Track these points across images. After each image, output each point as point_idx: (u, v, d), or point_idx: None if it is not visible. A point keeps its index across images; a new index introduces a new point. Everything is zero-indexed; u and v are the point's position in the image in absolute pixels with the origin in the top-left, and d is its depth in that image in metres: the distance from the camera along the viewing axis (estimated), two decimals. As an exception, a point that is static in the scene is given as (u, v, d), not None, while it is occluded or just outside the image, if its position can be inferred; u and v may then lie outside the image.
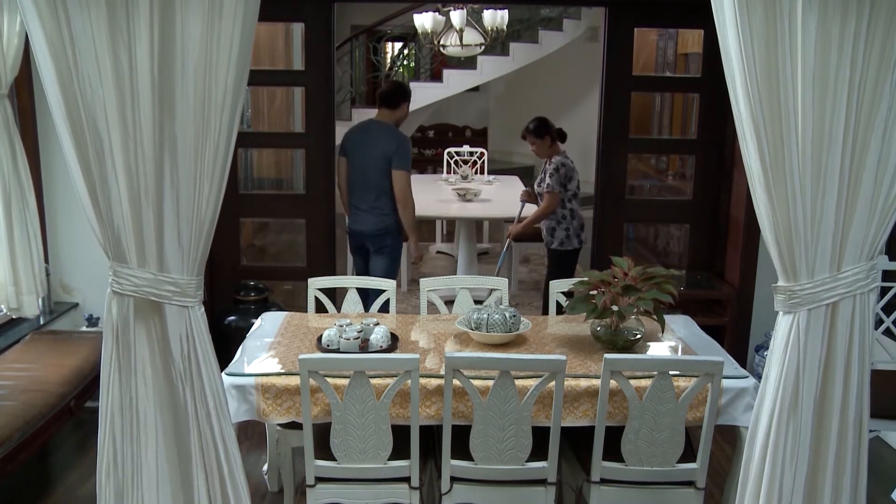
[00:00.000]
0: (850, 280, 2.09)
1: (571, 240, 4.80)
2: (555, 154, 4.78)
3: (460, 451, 2.67)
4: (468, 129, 12.40)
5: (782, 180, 2.02)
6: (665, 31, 7.01)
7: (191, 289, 2.12)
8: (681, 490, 2.74)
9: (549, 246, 4.90)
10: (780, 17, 1.92)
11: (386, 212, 4.46)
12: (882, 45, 1.95)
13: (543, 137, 4.76)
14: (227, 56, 1.97)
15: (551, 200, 4.72)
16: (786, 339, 2.13)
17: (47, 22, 1.91)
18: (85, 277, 4.39)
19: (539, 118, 4.83)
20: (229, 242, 4.84)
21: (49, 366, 3.50)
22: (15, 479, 3.49)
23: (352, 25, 9.85)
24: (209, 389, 2.20)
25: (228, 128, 2.04)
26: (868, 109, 2.00)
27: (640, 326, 3.04)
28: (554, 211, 4.75)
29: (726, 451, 3.67)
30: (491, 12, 7.14)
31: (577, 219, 4.80)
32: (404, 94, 4.55)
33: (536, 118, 4.83)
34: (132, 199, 2.04)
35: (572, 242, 4.80)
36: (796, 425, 2.15)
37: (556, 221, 4.79)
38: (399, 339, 3.09)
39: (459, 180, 7.31)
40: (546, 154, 4.81)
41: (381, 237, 4.49)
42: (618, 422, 2.70)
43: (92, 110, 1.97)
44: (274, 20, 5.37)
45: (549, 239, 4.86)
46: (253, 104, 6.93)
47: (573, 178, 4.76)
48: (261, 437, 3.87)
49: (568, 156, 4.80)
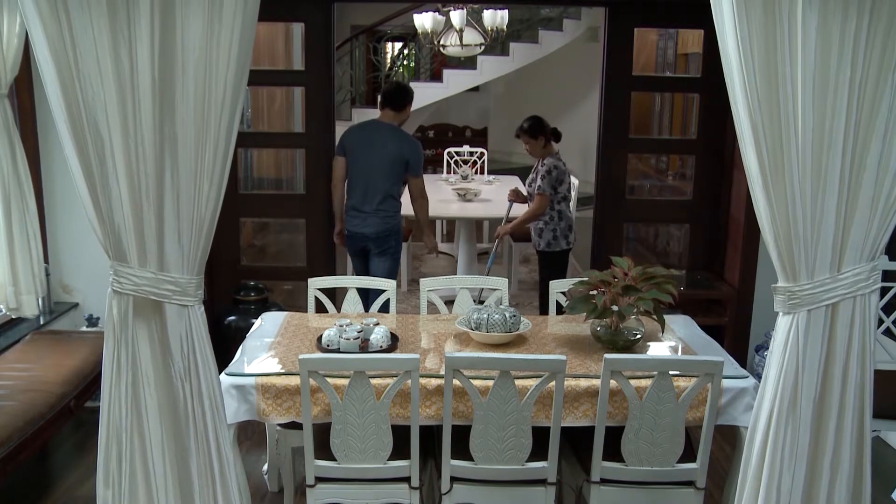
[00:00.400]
0: (851, 281, 2.09)
1: (559, 241, 4.76)
2: (548, 154, 4.72)
3: (460, 451, 2.67)
4: (468, 129, 12.40)
5: (782, 181, 2.02)
6: (665, 31, 7.01)
7: (191, 288, 2.13)
8: (681, 490, 2.75)
9: (536, 248, 4.87)
10: (779, 17, 1.92)
11: (391, 214, 4.46)
12: (883, 45, 1.95)
13: (538, 137, 4.68)
14: (227, 55, 1.98)
15: (541, 203, 4.67)
16: (785, 340, 2.13)
17: (48, 22, 1.92)
18: (85, 277, 4.39)
19: (534, 117, 4.75)
20: (229, 242, 4.85)
21: (49, 366, 3.50)
22: (15, 479, 3.49)
23: (352, 25, 9.85)
24: (206, 389, 2.20)
25: (228, 127, 2.05)
26: (869, 110, 2.00)
27: (640, 326, 3.04)
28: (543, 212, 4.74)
29: (726, 451, 3.67)
30: (491, 12, 7.14)
31: (564, 220, 4.75)
32: (408, 95, 4.54)
33: (531, 117, 4.76)
34: (133, 198, 2.04)
35: (560, 244, 4.77)
36: (795, 426, 2.15)
37: (544, 223, 4.74)
38: (399, 339, 3.09)
39: (459, 180, 7.30)
40: (539, 154, 4.75)
41: (385, 239, 4.48)
42: (618, 422, 2.70)
43: (93, 110, 1.97)
44: (274, 20, 5.36)
45: (536, 240, 4.84)
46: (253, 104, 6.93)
47: (564, 180, 4.71)
48: (261, 437, 3.87)
49: (561, 157, 4.75)
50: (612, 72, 4.72)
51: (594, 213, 4.97)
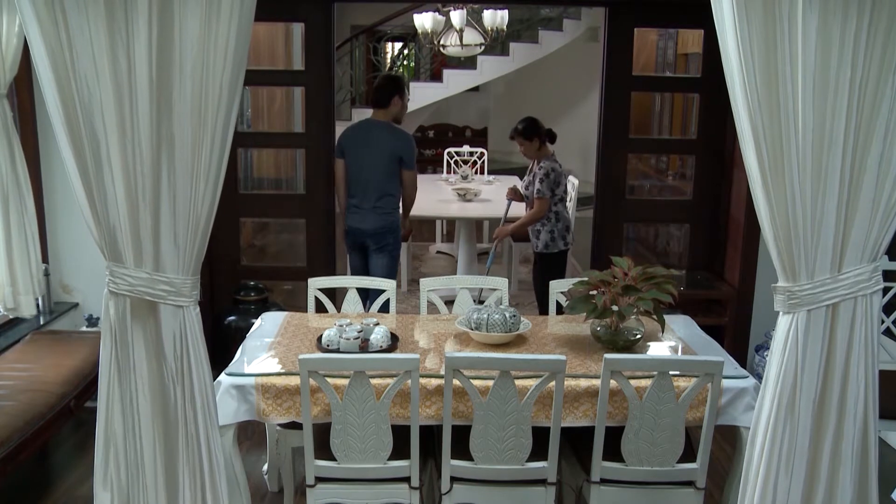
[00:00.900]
0: (852, 282, 2.09)
1: (557, 242, 4.75)
2: (543, 156, 4.68)
3: (460, 451, 2.67)
4: (468, 129, 12.41)
5: (782, 181, 2.02)
6: (665, 31, 7.01)
7: (186, 289, 2.12)
8: (681, 490, 2.74)
9: (534, 249, 4.87)
10: (779, 17, 1.92)
11: (388, 210, 4.48)
12: (883, 46, 1.95)
13: (532, 139, 4.65)
14: (224, 55, 1.98)
15: (542, 206, 4.65)
16: (785, 340, 2.13)
17: (45, 22, 1.91)
18: (85, 277, 4.38)
19: (529, 118, 4.71)
20: (229, 242, 4.84)
21: (49, 366, 3.50)
22: (15, 479, 3.49)
23: (352, 25, 9.85)
24: (198, 391, 2.19)
25: (224, 126, 2.04)
26: (869, 111, 1.99)
27: (640, 326, 3.04)
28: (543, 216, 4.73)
29: (726, 451, 3.67)
30: (491, 12, 7.14)
31: (562, 221, 4.75)
32: (394, 87, 4.47)
33: (526, 118, 4.71)
34: (129, 198, 2.04)
35: (557, 245, 4.76)
36: (794, 426, 2.14)
37: (541, 224, 4.74)
38: (399, 339, 3.09)
39: (459, 180, 7.30)
40: (534, 156, 4.72)
41: (384, 235, 4.50)
42: (618, 422, 2.70)
43: (89, 111, 1.97)
44: (274, 20, 5.37)
45: (534, 241, 4.83)
46: (253, 104, 6.93)
47: (561, 182, 4.70)
48: (261, 437, 3.87)
49: (556, 158, 4.72)
50: (612, 72, 4.72)
51: (594, 213, 4.96)
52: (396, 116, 4.51)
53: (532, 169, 4.79)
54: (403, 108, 4.55)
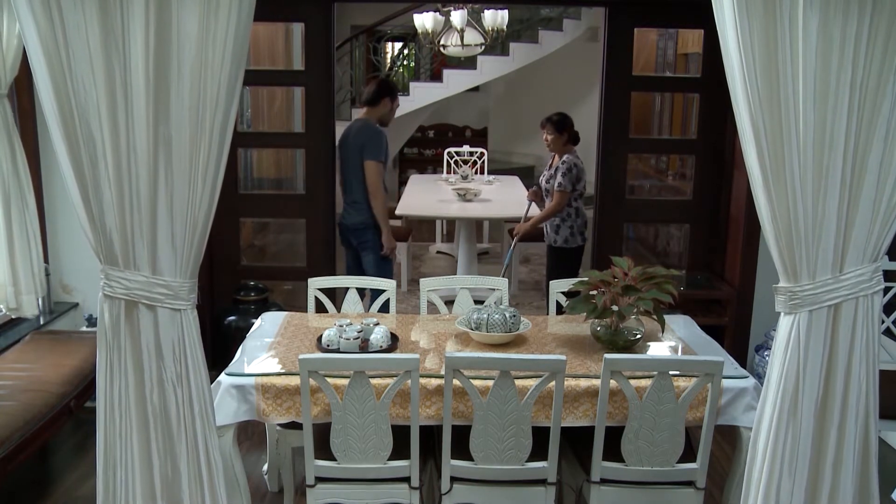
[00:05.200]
0: (853, 282, 2.09)
1: (575, 237, 4.84)
2: (567, 152, 4.80)
3: (460, 451, 2.67)
4: (468, 129, 12.39)
5: (783, 181, 2.02)
6: (665, 31, 7.00)
7: (183, 292, 2.11)
8: (681, 490, 2.74)
9: (553, 244, 4.90)
10: (780, 17, 1.92)
11: (362, 207, 4.54)
12: (884, 47, 1.95)
13: (563, 133, 4.79)
14: (223, 54, 1.96)
15: (561, 199, 4.74)
16: (786, 340, 2.13)
17: (41, 21, 1.89)
18: (85, 277, 4.38)
19: (562, 113, 4.88)
20: (229, 242, 4.84)
21: (49, 366, 3.50)
22: (15, 479, 3.49)
23: (352, 25, 9.84)
24: (196, 394, 2.18)
25: (223, 127, 2.02)
26: (870, 111, 1.99)
27: (640, 326, 3.04)
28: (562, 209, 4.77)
29: (726, 451, 3.67)
30: (491, 12, 7.14)
31: (581, 217, 4.85)
32: (382, 90, 4.59)
33: (560, 112, 4.88)
34: (125, 201, 2.02)
35: (576, 240, 4.84)
36: (796, 427, 2.14)
37: (562, 219, 4.82)
38: (399, 339, 3.09)
39: (459, 180, 7.31)
40: (559, 150, 4.84)
41: (362, 231, 4.57)
42: (618, 422, 2.70)
43: (85, 112, 1.95)
44: (274, 20, 5.37)
45: (553, 237, 4.87)
46: (253, 104, 6.92)
47: (582, 178, 4.80)
48: (261, 437, 3.87)
49: (578, 156, 4.84)
50: (612, 72, 4.72)
51: (594, 212, 4.97)
52: (383, 117, 4.59)
53: (553, 163, 4.88)
54: (392, 111, 4.64)
